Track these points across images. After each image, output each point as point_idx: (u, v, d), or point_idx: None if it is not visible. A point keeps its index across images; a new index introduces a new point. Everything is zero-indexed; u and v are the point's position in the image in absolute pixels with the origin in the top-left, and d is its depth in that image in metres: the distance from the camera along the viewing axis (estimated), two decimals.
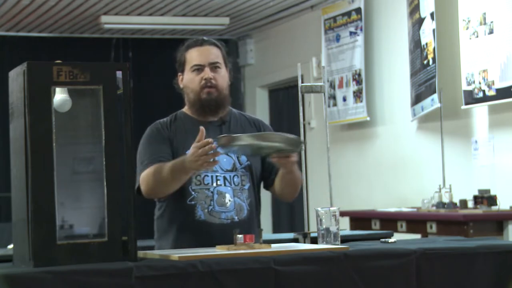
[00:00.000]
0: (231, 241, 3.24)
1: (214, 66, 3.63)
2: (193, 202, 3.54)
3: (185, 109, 3.71)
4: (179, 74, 3.69)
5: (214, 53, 3.65)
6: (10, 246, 3.65)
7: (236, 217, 3.52)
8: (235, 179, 3.58)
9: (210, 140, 3.23)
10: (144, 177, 3.48)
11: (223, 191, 3.55)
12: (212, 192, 3.54)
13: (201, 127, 3.29)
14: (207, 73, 3.60)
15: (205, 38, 3.72)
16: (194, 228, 3.51)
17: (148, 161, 3.52)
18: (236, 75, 10.74)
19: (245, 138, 3.23)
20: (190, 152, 3.31)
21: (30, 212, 2.76)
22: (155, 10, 8.92)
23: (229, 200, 3.54)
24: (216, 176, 3.56)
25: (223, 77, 3.65)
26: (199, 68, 3.61)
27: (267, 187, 3.75)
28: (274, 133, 3.37)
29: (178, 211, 3.56)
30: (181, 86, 3.69)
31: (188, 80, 3.64)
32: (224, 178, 3.57)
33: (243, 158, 3.62)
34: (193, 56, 3.64)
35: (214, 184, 3.54)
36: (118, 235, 2.84)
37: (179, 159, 3.42)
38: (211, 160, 3.26)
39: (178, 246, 3.44)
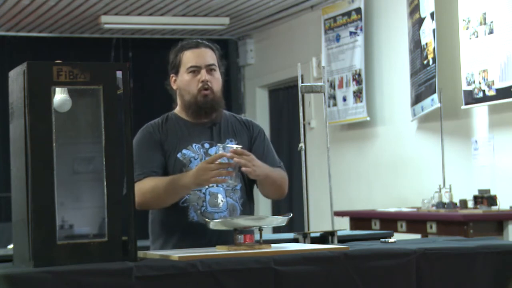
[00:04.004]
0: (224, 241, 3.25)
1: (210, 69, 3.61)
2: (185, 204, 3.53)
3: (177, 111, 3.70)
4: (172, 75, 3.67)
5: (210, 56, 3.63)
6: (10, 246, 3.65)
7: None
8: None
9: (224, 154, 3.28)
10: (138, 191, 3.41)
11: (215, 192, 3.55)
12: (204, 193, 3.54)
13: (220, 153, 3.32)
14: (204, 75, 3.58)
15: (199, 40, 3.69)
16: (187, 230, 3.51)
17: (140, 171, 3.50)
18: (236, 75, 10.77)
19: (241, 222, 3.21)
20: (199, 166, 3.34)
21: (30, 212, 2.76)
22: (155, 10, 8.93)
23: (222, 201, 3.54)
24: None
25: (218, 80, 3.64)
26: (195, 70, 3.60)
27: (257, 186, 3.76)
28: (266, 217, 3.32)
29: (171, 214, 3.55)
30: (174, 87, 3.68)
31: (184, 82, 3.62)
32: None
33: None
34: (189, 57, 3.61)
35: (206, 185, 3.55)
36: (118, 235, 2.84)
37: (179, 176, 3.43)
38: (226, 176, 3.30)
39: (171, 247, 3.43)
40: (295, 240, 3.55)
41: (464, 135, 6.88)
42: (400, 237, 3.70)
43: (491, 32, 6.27)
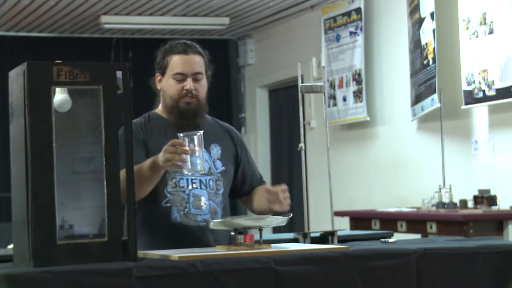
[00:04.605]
0: (206, 243, 3.24)
1: (196, 77, 3.60)
2: (168, 205, 3.53)
3: (159, 110, 3.69)
4: (158, 75, 3.66)
5: (198, 63, 3.61)
6: (10, 246, 3.64)
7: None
8: (211, 183, 3.58)
9: (184, 142, 3.23)
10: None
11: (199, 194, 3.55)
12: (188, 195, 3.54)
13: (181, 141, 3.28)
14: (189, 84, 3.57)
15: (188, 43, 3.66)
16: (170, 230, 3.50)
17: (121, 165, 3.50)
18: (236, 75, 10.76)
19: (241, 222, 3.20)
20: (164, 148, 3.30)
21: (30, 212, 2.76)
22: (155, 10, 8.93)
23: (205, 203, 3.54)
24: (192, 179, 3.55)
25: (203, 87, 3.63)
26: (181, 77, 3.59)
27: (237, 196, 3.78)
28: (266, 217, 3.30)
29: (153, 214, 3.54)
30: (158, 87, 3.67)
31: (167, 86, 3.61)
32: (200, 181, 3.56)
33: (219, 163, 3.64)
34: (177, 63, 3.59)
35: (190, 187, 3.54)
36: (118, 235, 2.84)
37: (151, 158, 3.41)
38: (179, 161, 3.23)
39: (152, 248, 3.38)
40: (295, 240, 3.54)
41: (464, 135, 6.88)
42: (400, 237, 3.70)
43: (491, 32, 6.27)
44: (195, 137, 3.28)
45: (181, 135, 3.28)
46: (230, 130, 3.79)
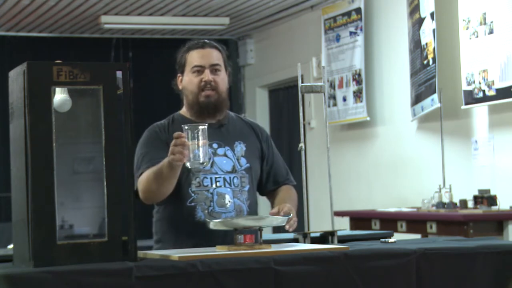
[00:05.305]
0: (231, 241, 3.25)
1: (214, 69, 3.63)
2: (193, 204, 3.55)
3: (183, 111, 3.72)
4: (179, 75, 3.70)
5: (215, 56, 3.66)
6: (10, 246, 3.65)
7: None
8: (235, 180, 3.60)
9: (182, 134, 3.22)
10: (141, 181, 3.48)
11: (223, 192, 3.56)
12: (211, 193, 3.56)
13: (180, 133, 3.26)
14: (207, 75, 3.61)
15: (206, 40, 3.72)
16: (195, 229, 3.52)
17: (146, 166, 3.52)
18: (236, 75, 10.76)
19: (241, 222, 3.20)
20: None
21: (30, 212, 2.76)
22: (155, 10, 8.93)
23: (229, 201, 3.56)
24: (216, 177, 3.57)
25: (223, 80, 3.66)
26: (199, 70, 3.62)
27: (263, 193, 3.80)
28: (266, 217, 3.32)
29: (178, 213, 3.57)
30: (180, 87, 3.71)
31: (187, 81, 3.65)
32: (224, 179, 3.58)
33: (243, 160, 3.66)
34: (194, 57, 3.64)
35: (214, 186, 3.56)
36: (118, 235, 2.84)
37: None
38: (177, 153, 3.22)
39: (178, 247, 3.43)
40: (295, 240, 3.54)
41: (464, 135, 6.88)
42: (400, 237, 3.70)
43: (491, 32, 6.27)
44: (199, 129, 3.28)
45: (186, 127, 3.28)
46: (255, 126, 3.82)
